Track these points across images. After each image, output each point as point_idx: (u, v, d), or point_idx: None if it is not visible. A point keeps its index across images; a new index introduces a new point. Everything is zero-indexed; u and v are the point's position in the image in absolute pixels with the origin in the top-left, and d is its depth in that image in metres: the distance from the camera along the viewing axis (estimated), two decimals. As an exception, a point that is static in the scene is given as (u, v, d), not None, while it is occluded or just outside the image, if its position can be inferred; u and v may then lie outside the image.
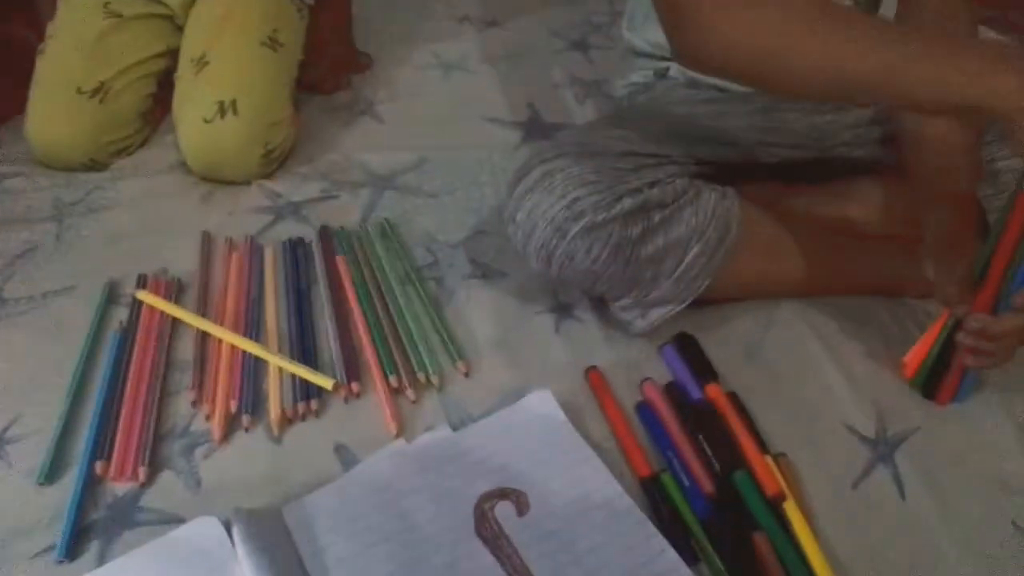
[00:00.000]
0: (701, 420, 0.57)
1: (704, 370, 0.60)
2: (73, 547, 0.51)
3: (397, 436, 0.56)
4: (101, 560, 0.50)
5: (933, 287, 0.57)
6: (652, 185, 0.57)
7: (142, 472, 0.54)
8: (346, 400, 0.60)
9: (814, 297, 0.67)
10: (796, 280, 0.66)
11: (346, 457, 0.56)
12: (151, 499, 0.54)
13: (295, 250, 0.72)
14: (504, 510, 0.51)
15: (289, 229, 0.76)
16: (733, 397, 0.59)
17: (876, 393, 0.61)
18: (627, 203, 0.55)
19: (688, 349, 0.62)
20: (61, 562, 0.50)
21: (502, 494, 0.52)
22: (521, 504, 0.51)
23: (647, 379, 0.60)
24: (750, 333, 0.65)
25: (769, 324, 0.66)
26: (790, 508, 0.52)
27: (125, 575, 0.48)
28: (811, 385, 0.62)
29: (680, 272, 0.59)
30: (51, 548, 0.51)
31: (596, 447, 0.55)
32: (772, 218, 0.64)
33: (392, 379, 0.60)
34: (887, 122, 0.66)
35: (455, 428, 0.57)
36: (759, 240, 0.63)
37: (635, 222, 0.56)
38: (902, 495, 0.55)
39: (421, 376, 0.60)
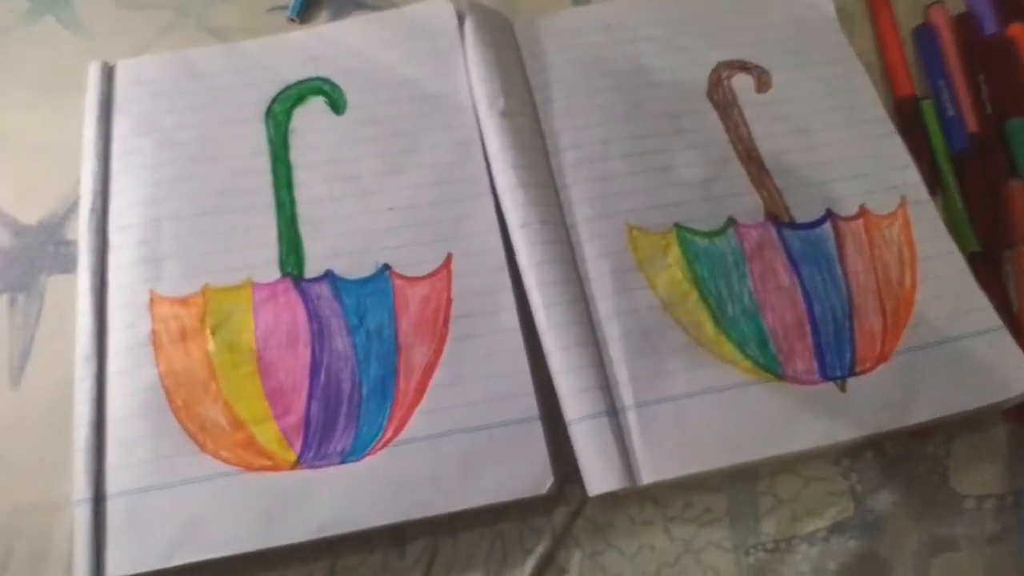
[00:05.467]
0: (989, 57, 0.48)
1: (1011, 5, 0.50)
2: (304, 10, 0.51)
3: (638, -11, 0.51)
4: (329, 27, 0.50)
5: None
6: None
7: (375, -41, 0.52)
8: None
9: None
10: None
11: (579, -2, 0.52)
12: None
13: None
14: (742, 82, 0.46)
15: None
16: (1038, 44, 0.49)
17: None
18: None
19: (998, -19, 0.51)
20: (292, 20, 0.51)
21: (743, 66, 0.47)
22: (762, 81, 0.46)
23: (937, 2, 0.51)
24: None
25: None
26: (1063, 170, 0.45)
27: (347, 36, 0.48)
28: None
29: None
30: (284, 7, 0.51)
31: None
32: None
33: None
34: None
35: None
36: None
37: None
38: None
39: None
